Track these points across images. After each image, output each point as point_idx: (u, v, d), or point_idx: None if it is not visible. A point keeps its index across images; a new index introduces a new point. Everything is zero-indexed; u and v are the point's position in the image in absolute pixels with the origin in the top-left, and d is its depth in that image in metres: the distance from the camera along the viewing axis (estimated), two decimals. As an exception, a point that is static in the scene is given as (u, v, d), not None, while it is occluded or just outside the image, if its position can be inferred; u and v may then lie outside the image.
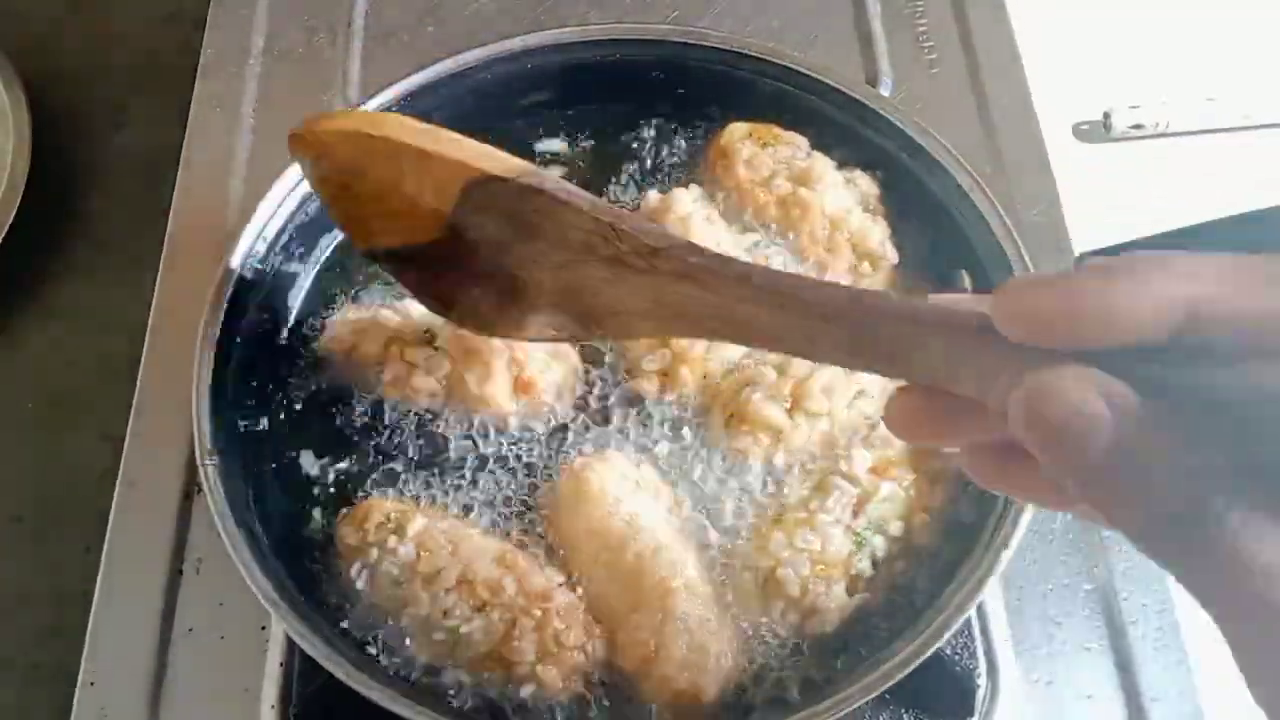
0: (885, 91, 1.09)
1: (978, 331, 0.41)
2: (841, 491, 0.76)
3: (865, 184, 0.90)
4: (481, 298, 0.72)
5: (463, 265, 0.70)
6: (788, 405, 0.79)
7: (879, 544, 0.76)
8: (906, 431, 0.48)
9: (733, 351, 0.83)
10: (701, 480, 0.81)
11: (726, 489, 0.80)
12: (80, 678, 0.83)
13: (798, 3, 1.17)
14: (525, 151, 0.97)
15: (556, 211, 0.63)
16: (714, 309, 0.55)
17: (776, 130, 0.92)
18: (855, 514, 0.75)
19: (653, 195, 0.89)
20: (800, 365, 0.80)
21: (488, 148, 0.69)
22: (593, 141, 0.98)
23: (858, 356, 0.48)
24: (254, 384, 0.85)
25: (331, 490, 0.83)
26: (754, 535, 0.77)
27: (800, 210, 0.87)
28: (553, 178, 0.66)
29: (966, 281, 0.87)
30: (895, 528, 0.76)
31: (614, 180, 0.96)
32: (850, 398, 0.79)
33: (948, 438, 0.47)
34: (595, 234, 0.62)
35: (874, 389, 0.80)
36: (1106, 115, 1.12)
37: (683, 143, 0.97)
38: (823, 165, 0.89)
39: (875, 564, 0.76)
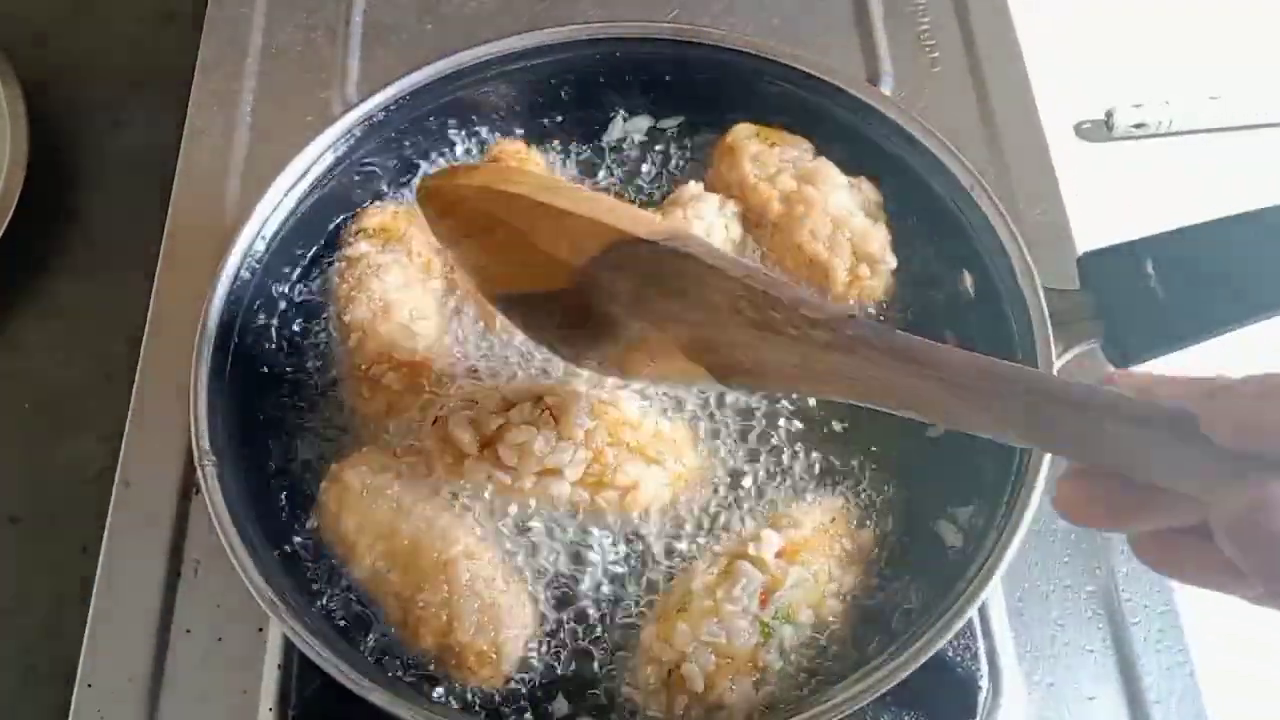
0: (887, 90, 1.09)
1: (1175, 426, 0.42)
2: (749, 579, 0.72)
3: (869, 190, 0.89)
4: (607, 344, 0.70)
5: (588, 312, 0.68)
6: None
7: (788, 633, 0.72)
8: (1078, 514, 0.48)
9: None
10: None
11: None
12: (78, 679, 0.82)
13: (799, 1, 1.17)
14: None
15: (703, 275, 0.62)
16: (869, 380, 0.55)
17: (782, 132, 0.92)
18: (763, 603, 0.72)
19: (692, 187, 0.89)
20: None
21: (628, 206, 0.67)
22: (593, 139, 0.98)
23: (1036, 439, 0.49)
24: (253, 384, 0.84)
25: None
26: (658, 622, 0.73)
27: (804, 207, 0.86)
28: (699, 240, 0.64)
29: (968, 281, 0.87)
30: (805, 615, 0.73)
31: (612, 178, 0.96)
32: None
33: (1121, 523, 0.47)
34: (744, 299, 0.60)
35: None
36: (1109, 114, 1.12)
37: (683, 140, 0.97)
38: (828, 167, 0.89)
39: (784, 654, 0.72)
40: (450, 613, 0.72)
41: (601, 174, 0.96)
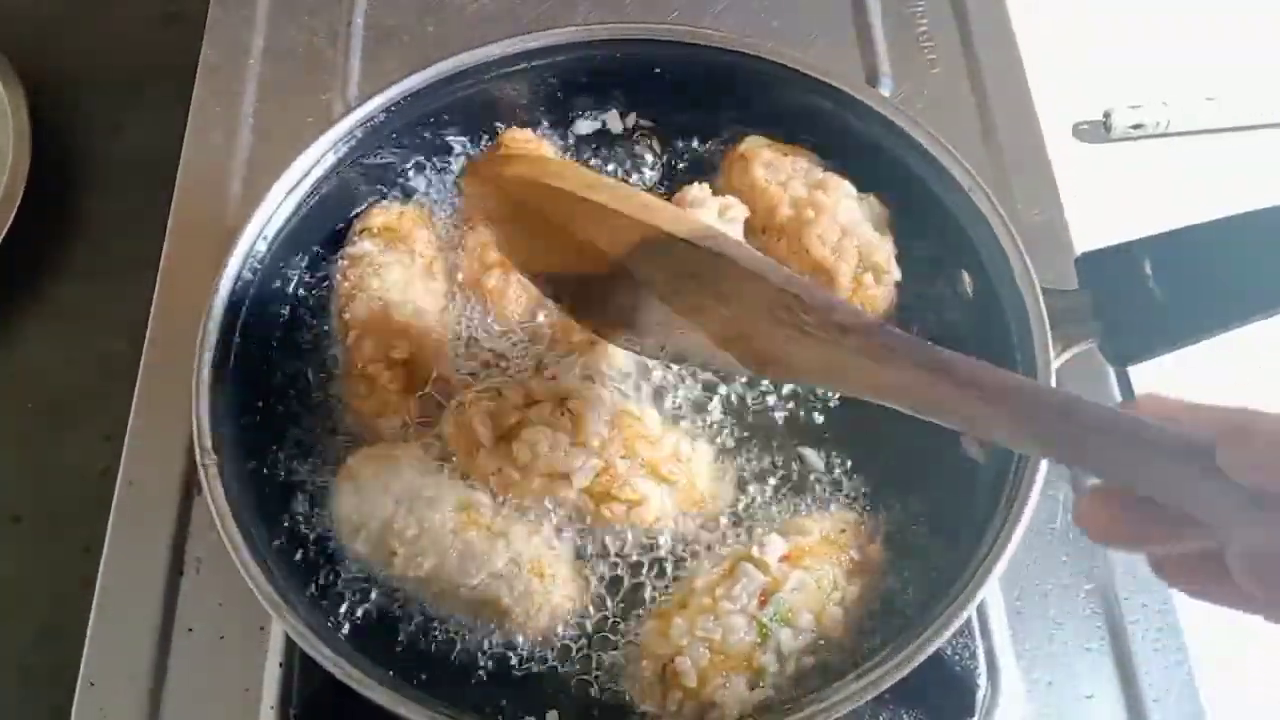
0: (885, 92, 1.09)
1: (1196, 458, 0.43)
2: (749, 579, 0.72)
3: (877, 205, 0.90)
4: (639, 324, 0.72)
5: (623, 294, 0.70)
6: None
7: (786, 637, 0.72)
8: (1097, 531, 0.50)
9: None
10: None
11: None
12: (80, 678, 0.83)
13: (798, 3, 1.17)
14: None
15: (736, 274, 0.63)
16: (899, 386, 0.57)
17: (794, 145, 0.93)
18: (761, 603, 0.72)
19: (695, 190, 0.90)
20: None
21: (665, 204, 0.70)
22: (594, 141, 0.98)
23: (1061, 455, 0.51)
24: (255, 384, 0.85)
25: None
26: (657, 620, 0.74)
27: (814, 211, 0.87)
28: (734, 241, 0.66)
29: (966, 282, 0.87)
30: (805, 620, 0.72)
31: (613, 179, 0.96)
32: None
33: (1143, 544, 0.49)
34: (776, 302, 0.62)
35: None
36: (1107, 115, 1.12)
37: (683, 141, 0.97)
38: (838, 178, 0.90)
39: (781, 658, 0.72)
40: (496, 585, 0.73)
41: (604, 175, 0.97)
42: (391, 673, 0.74)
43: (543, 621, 0.74)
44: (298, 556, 0.79)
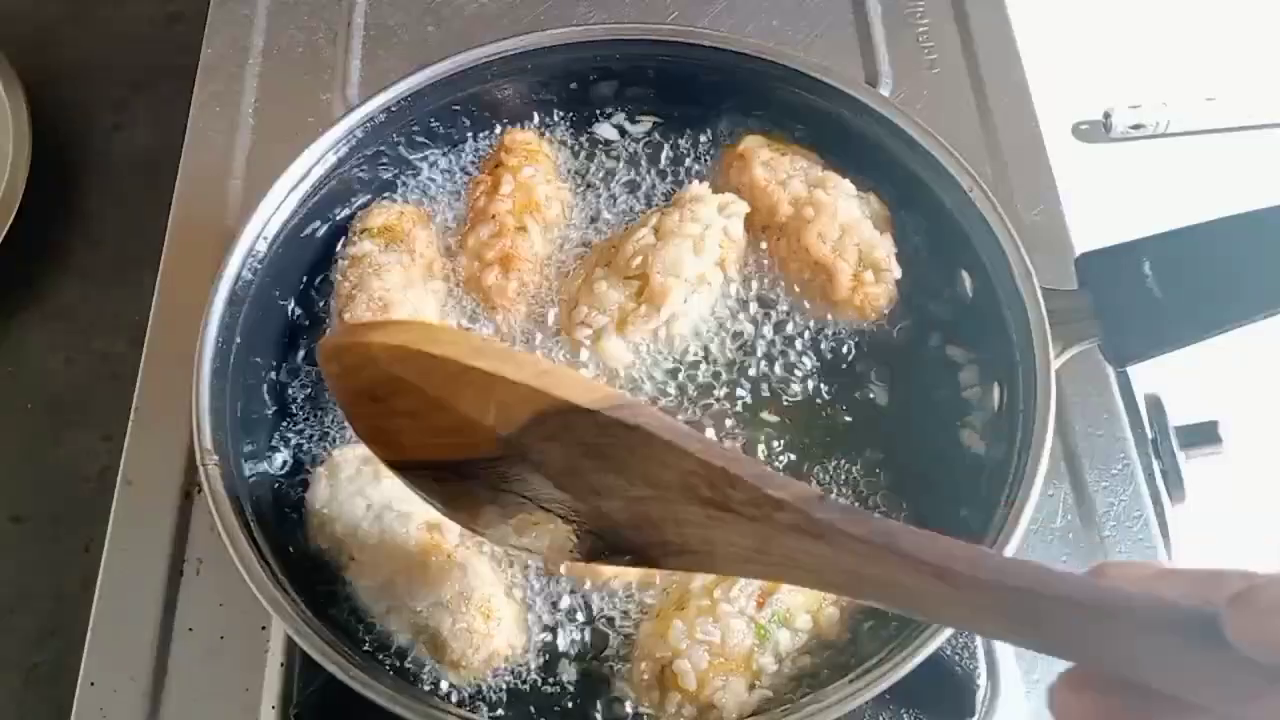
0: (885, 91, 1.09)
1: (1196, 630, 0.38)
2: (746, 581, 0.72)
3: (876, 204, 0.90)
4: (526, 518, 0.64)
5: (508, 482, 0.61)
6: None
7: (784, 638, 0.72)
8: None
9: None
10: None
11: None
12: (80, 678, 0.83)
13: (798, 3, 1.17)
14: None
15: (652, 450, 0.55)
16: (838, 568, 0.50)
17: (793, 144, 0.93)
18: (759, 605, 0.71)
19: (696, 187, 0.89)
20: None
21: (567, 370, 0.63)
22: (593, 140, 0.98)
23: (1036, 639, 0.44)
24: (255, 384, 0.85)
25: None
26: (655, 622, 0.73)
27: (814, 209, 0.87)
28: (649, 409, 0.56)
29: (967, 282, 0.87)
30: (802, 621, 0.72)
31: (611, 179, 0.96)
32: None
33: None
34: (699, 477, 0.54)
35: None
36: (1107, 115, 1.12)
37: (683, 141, 0.97)
38: (838, 177, 0.90)
39: (779, 659, 0.72)
40: (440, 614, 0.73)
41: (601, 174, 0.97)
42: (392, 671, 0.74)
43: (476, 663, 0.73)
44: (298, 555, 0.79)
